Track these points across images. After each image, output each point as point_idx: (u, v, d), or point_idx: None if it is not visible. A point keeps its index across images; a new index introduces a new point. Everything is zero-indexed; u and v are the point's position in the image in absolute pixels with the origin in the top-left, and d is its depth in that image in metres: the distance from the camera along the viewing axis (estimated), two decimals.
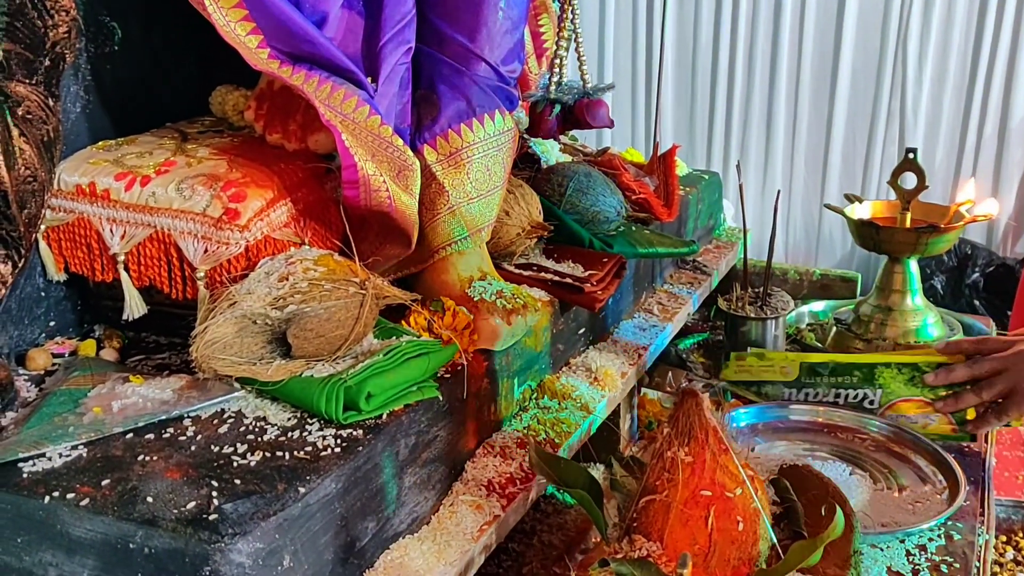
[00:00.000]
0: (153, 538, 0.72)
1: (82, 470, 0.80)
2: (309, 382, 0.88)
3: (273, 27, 0.99)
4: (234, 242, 0.95)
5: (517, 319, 1.07)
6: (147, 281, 1.00)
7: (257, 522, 0.72)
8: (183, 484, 0.77)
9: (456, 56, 1.12)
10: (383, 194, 0.98)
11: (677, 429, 0.83)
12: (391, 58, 1.05)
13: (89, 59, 1.07)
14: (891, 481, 1.32)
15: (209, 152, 1.03)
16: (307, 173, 1.03)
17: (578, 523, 1.28)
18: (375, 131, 1.01)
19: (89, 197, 1.00)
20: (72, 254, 1.02)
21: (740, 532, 0.81)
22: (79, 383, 0.94)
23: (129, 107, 1.13)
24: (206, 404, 0.89)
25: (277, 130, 1.05)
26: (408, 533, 0.91)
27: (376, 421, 0.88)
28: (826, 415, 1.47)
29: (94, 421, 0.86)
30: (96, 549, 0.74)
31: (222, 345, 0.89)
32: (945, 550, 1.15)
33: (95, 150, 1.05)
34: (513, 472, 1.02)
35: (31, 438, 0.83)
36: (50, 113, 0.94)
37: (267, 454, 0.82)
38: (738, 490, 0.80)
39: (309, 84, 0.99)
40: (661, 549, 0.81)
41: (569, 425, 1.13)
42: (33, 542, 0.76)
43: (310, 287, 0.89)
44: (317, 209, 1.03)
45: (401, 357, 0.91)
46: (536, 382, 1.19)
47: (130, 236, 0.99)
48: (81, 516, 0.74)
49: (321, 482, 0.78)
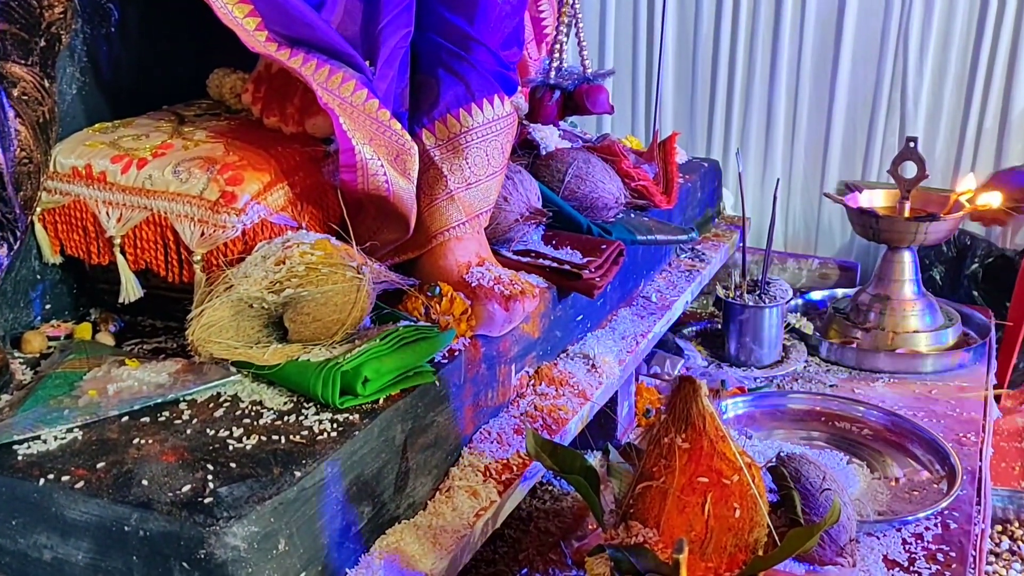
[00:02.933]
0: (148, 521, 0.72)
1: (77, 453, 0.79)
2: (306, 366, 0.88)
3: (271, 9, 0.98)
4: (231, 225, 0.94)
5: (515, 305, 1.07)
6: (143, 264, 0.99)
7: (252, 506, 0.72)
8: (178, 467, 0.77)
9: (455, 41, 1.11)
10: (380, 178, 0.97)
11: (674, 416, 0.83)
12: (389, 42, 1.04)
13: (85, 41, 1.06)
14: (888, 470, 1.32)
15: (206, 135, 1.02)
16: (304, 157, 1.03)
17: (574, 510, 1.28)
18: (373, 114, 1.00)
19: (85, 179, 0.99)
20: (68, 237, 1.02)
21: (737, 519, 0.81)
22: (75, 366, 0.93)
23: (126, 89, 1.12)
24: (202, 388, 0.89)
25: (275, 113, 1.05)
26: (404, 518, 0.91)
27: (373, 406, 0.87)
28: (823, 404, 1.47)
29: (89, 404, 0.86)
30: (91, 532, 0.74)
31: (218, 328, 0.89)
32: (941, 539, 1.16)
33: (91, 132, 1.04)
34: (510, 458, 1.02)
35: (26, 421, 0.83)
36: (46, 94, 0.93)
37: (263, 438, 0.81)
38: (735, 477, 0.80)
39: (307, 67, 0.99)
40: (657, 535, 0.81)
41: (566, 412, 1.13)
42: (28, 524, 0.76)
43: (307, 271, 0.88)
44: (314, 193, 1.02)
45: (398, 342, 0.90)
46: (533, 368, 1.19)
47: (126, 219, 0.98)
48: (76, 499, 0.74)
49: (317, 466, 0.78)
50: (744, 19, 2.51)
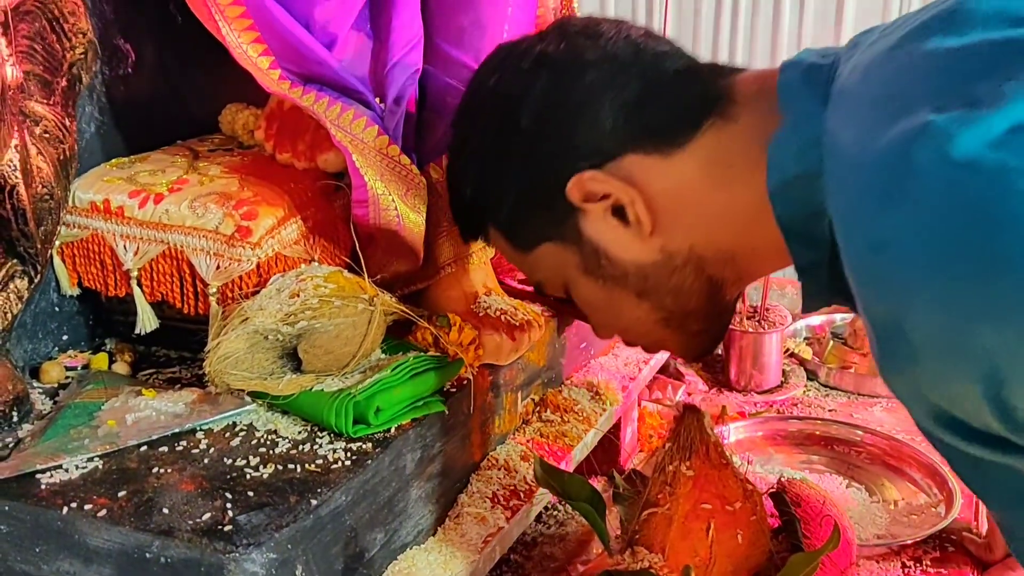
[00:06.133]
0: (169, 548, 0.74)
1: (98, 481, 0.82)
2: (319, 396, 0.90)
3: (284, 49, 1.02)
4: (246, 259, 0.97)
5: (521, 335, 1.09)
6: (159, 296, 1.02)
7: (270, 533, 0.74)
8: (197, 496, 0.79)
9: (461, 77, 1.14)
10: (392, 213, 1.00)
11: (678, 444, 0.85)
12: (399, 79, 1.07)
13: (104, 81, 1.09)
14: (886, 493, 1.34)
15: (221, 170, 1.05)
16: (316, 191, 1.05)
17: (578, 534, 1.30)
18: (384, 151, 1.03)
19: (103, 214, 1.02)
20: (86, 269, 1.04)
21: (740, 545, 0.83)
22: (93, 396, 0.96)
23: (141, 125, 1.15)
24: (218, 417, 0.91)
25: (287, 149, 1.08)
26: (415, 544, 0.93)
27: (384, 435, 0.90)
28: (823, 428, 1.49)
29: (108, 434, 0.88)
30: (113, 558, 0.76)
31: (234, 360, 0.91)
32: (940, 562, 1.17)
33: (109, 168, 1.07)
34: (516, 484, 1.04)
35: (48, 450, 0.85)
36: (66, 132, 0.96)
37: (279, 467, 0.84)
38: (738, 504, 0.82)
39: (319, 105, 1.02)
40: (663, 561, 0.84)
41: (571, 438, 1.15)
42: (51, 551, 0.78)
43: (321, 303, 0.91)
44: (326, 227, 1.05)
45: (409, 372, 0.93)
46: (539, 396, 1.21)
47: (143, 252, 1.01)
48: (98, 526, 0.76)
49: (332, 494, 0.80)
50: (742, 36, 2.54)
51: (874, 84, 0.68)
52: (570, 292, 0.93)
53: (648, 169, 0.82)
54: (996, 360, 0.57)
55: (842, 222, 0.66)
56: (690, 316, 0.88)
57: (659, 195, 0.82)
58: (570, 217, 0.86)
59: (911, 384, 0.64)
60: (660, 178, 0.82)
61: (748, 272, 0.86)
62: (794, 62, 0.78)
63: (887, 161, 0.61)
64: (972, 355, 0.57)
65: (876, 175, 0.62)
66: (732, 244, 0.83)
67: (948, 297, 0.57)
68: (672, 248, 0.84)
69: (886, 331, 0.63)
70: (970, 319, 0.57)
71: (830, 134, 0.69)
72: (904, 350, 0.61)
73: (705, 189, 0.81)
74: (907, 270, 0.59)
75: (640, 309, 0.89)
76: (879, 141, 0.62)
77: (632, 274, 0.86)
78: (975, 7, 0.65)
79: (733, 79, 0.83)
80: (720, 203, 0.81)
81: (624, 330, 0.94)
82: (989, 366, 0.57)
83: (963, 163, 0.56)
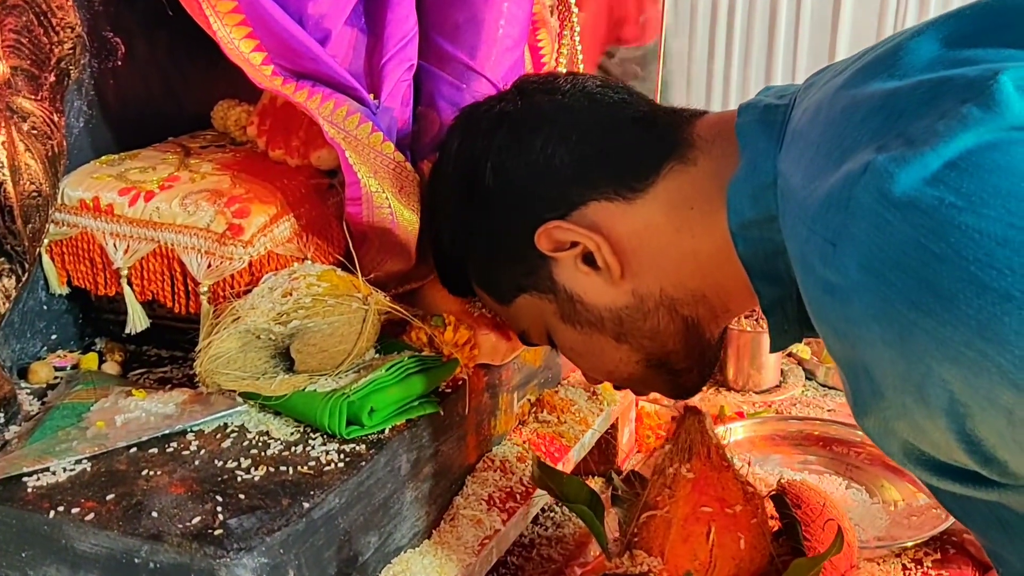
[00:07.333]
0: (158, 553, 0.72)
1: (86, 484, 0.80)
2: (312, 397, 0.89)
3: (277, 44, 1.00)
4: (238, 257, 0.95)
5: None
6: (150, 295, 1.00)
7: (262, 537, 0.73)
8: (187, 499, 0.78)
9: (456, 73, 1.13)
10: (385, 211, 0.99)
11: (678, 445, 0.84)
12: (393, 75, 1.06)
13: (93, 75, 1.07)
14: (886, 494, 1.33)
15: (212, 167, 1.04)
16: (309, 189, 1.04)
17: (576, 537, 1.29)
18: (377, 148, 1.02)
19: (93, 212, 1.00)
20: (75, 268, 1.03)
21: (741, 548, 0.82)
22: (82, 397, 0.94)
23: (132, 121, 1.14)
24: (209, 418, 0.89)
25: (280, 146, 1.06)
26: (410, 547, 0.92)
27: (379, 436, 0.88)
28: (822, 428, 1.48)
29: (97, 435, 0.87)
30: (101, 563, 0.75)
31: (226, 360, 0.90)
32: (941, 564, 1.16)
33: (98, 165, 1.06)
34: (513, 486, 1.03)
35: (35, 452, 0.84)
36: (55, 128, 0.95)
37: (271, 469, 0.82)
38: (738, 507, 0.81)
39: (312, 101, 1.00)
40: (662, 564, 0.82)
41: (568, 439, 1.14)
42: (38, 556, 0.77)
43: (314, 302, 0.89)
44: (319, 224, 1.03)
45: (403, 372, 0.91)
46: (535, 396, 1.20)
47: (133, 251, 0.99)
48: (86, 531, 0.75)
49: (325, 497, 0.79)
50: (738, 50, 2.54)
51: (821, 126, 0.69)
52: (553, 340, 0.95)
53: (612, 215, 0.84)
54: (956, 395, 0.57)
55: (796, 264, 0.67)
56: (671, 356, 0.90)
57: (625, 239, 0.84)
58: (543, 267, 0.88)
59: (880, 421, 0.64)
60: (624, 223, 0.84)
61: (723, 310, 0.88)
62: (751, 104, 0.79)
63: (831, 203, 0.62)
64: (932, 389, 0.57)
65: (821, 218, 0.62)
66: (701, 284, 0.84)
67: (898, 335, 0.57)
68: (643, 291, 0.85)
69: (851, 369, 0.64)
70: (922, 357, 0.57)
71: (784, 176, 0.71)
72: (868, 387, 0.62)
73: (669, 232, 0.83)
74: (857, 310, 0.59)
75: (620, 352, 0.90)
76: (824, 185, 0.63)
77: (607, 319, 0.88)
78: (916, 47, 0.67)
79: (693, 123, 0.85)
80: (685, 245, 0.83)
81: (609, 373, 0.96)
82: (949, 400, 0.57)
83: (902, 202, 0.57)
